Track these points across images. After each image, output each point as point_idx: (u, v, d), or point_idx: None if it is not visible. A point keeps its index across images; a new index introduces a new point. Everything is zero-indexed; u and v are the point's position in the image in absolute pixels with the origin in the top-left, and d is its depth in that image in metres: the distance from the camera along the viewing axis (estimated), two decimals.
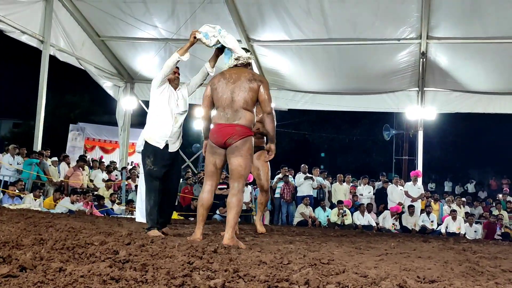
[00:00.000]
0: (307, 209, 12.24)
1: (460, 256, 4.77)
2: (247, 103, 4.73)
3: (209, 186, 4.83)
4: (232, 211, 4.60)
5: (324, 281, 2.60)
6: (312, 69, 13.74)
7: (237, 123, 4.69)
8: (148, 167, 5.09)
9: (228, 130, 4.67)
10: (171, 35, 13.10)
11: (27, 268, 2.37)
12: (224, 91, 4.77)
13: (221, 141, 4.70)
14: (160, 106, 5.23)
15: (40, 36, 11.68)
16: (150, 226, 5.00)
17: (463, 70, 12.82)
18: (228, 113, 4.72)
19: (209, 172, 4.83)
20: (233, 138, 4.66)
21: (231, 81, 4.78)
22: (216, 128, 4.76)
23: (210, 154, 4.81)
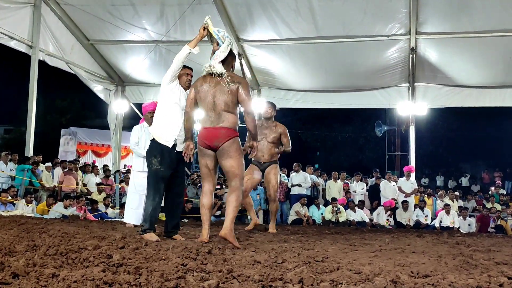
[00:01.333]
0: (302, 208, 12.25)
1: (454, 250, 4.79)
2: (228, 105, 4.84)
3: (206, 187, 4.98)
4: (231, 205, 4.78)
5: (318, 279, 2.60)
6: (303, 67, 13.75)
7: (221, 125, 4.81)
8: (155, 167, 5.03)
9: (214, 133, 4.80)
10: (161, 37, 13.08)
11: (20, 275, 2.36)
12: (206, 95, 4.88)
13: (208, 144, 4.84)
14: (171, 104, 5.19)
15: (29, 41, 11.62)
16: (147, 228, 4.92)
17: (452, 64, 12.87)
18: (211, 116, 4.84)
19: (204, 174, 4.99)
20: (219, 141, 4.79)
21: (212, 85, 4.90)
22: (203, 131, 4.90)
23: (201, 157, 4.95)
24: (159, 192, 5.02)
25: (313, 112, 26.66)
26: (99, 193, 11.71)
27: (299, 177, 12.85)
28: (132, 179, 7.50)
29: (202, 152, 4.90)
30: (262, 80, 14.60)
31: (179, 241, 4.56)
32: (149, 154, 5.13)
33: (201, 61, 5.42)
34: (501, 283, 2.53)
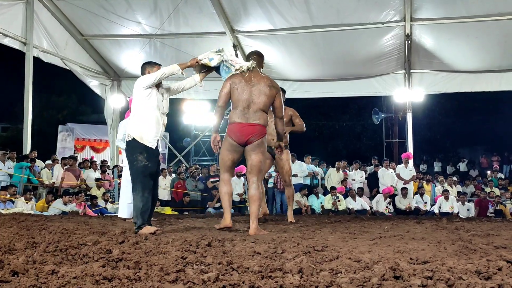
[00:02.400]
0: (302, 199, 12.27)
1: (453, 235, 4.80)
2: (265, 106, 5.23)
3: (227, 176, 5.31)
4: (256, 203, 5.14)
5: (317, 268, 2.61)
6: (298, 57, 13.71)
7: (257, 123, 5.17)
8: (142, 163, 5.02)
9: (250, 130, 5.13)
10: (155, 30, 13.03)
11: (19, 273, 2.36)
12: (244, 92, 5.19)
13: (243, 139, 5.16)
14: (151, 108, 5.21)
15: (23, 38, 11.57)
16: (141, 224, 4.91)
17: (448, 50, 12.85)
18: (247, 113, 5.16)
19: (227, 167, 5.30)
20: (254, 136, 5.14)
21: (251, 84, 5.22)
22: (238, 126, 5.17)
23: (228, 151, 5.24)
24: (148, 188, 5.03)
25: (310, 102, 26.60)
26: (98, 189, 11.72)
27: (295, 166, 12.84)
28: (125, 174, 7.45)
29: (232, 147, 5.20)
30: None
31: (179, 234, 4.56)
32: (133, 151, 5.09)
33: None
34: (500, 267, 2.54)
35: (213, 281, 2.24)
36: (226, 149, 5.24)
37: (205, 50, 5.66)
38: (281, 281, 2.24)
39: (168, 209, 11.66)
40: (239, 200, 12.32)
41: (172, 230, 5.23)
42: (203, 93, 15.23)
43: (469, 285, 2.17)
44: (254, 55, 5.64)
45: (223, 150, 5.26)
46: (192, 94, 15.65)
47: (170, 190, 12.96)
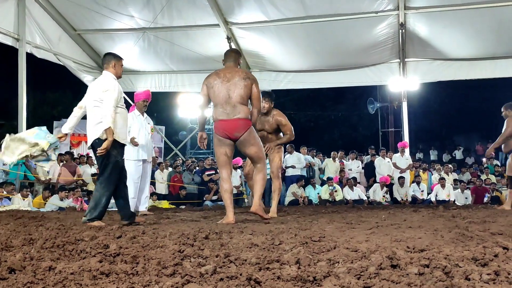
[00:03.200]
0: (299, 190, 12.30)
1: (450, 223, 4.82)
2: (242, 98, 5.34)
3: (225, 174, 5.41)
4: (259, 183, 5.47)
5: (315, 258, 2.61)
6: (293, 48, 13.68)
7: (238, 117, 5.31)
8: (116, 158, 5.25)
9: (232, 125, 5.30)
10: (148, 24, 12.96)
11: (16, 270, 2.36)
12: (220, 90, 5.36)
13: (227, 135, 5.32)
14: (121, 109, 5.48)
15: (15, 34, 11.48)
16: (96, 216, 5.06)
17: (442, 38, 12.83)
18: (227, 109, 5.31)
19: (222, 162, 5.41)
20: (238, 131, 5.29)
21: (226, 80, 5.39)
22: (220, 124, 5.34)
23: (219, 147, 5.40)
24: (115, 184, 5.21)
25: (305, 92, 26.63)
26: (94, 184, 11.69)
27: (293, 158, 12.87)
28: (126, 169, 7.46)
29: (221, 142, 5.35)
30: (252, 62, 14.53)
31: (176, 228, 4.56)
32: (111, 146, 5.20)
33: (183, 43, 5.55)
34: (496, 253, 2.55)
35: (210, 274, 2.24)
36: (216, 145, 5.42)
37: (199, 43, 5.73)
38: (278, 272, 2.24)
39: (165, 203, 11.67)
40: (236, 192, 12.34)
41: (170, 224, 5.24)
42: (198, 86, 15.17)
43: (466, 272, 2.18)
44: (231, 52, 5.96)
45: (215, 147, 5.45)
46: (187, 87, 15.62)
47: (167, 183, 12.96)
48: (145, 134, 7.58)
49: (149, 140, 7.70)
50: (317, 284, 2.11)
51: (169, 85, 15.52)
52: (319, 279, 2.15)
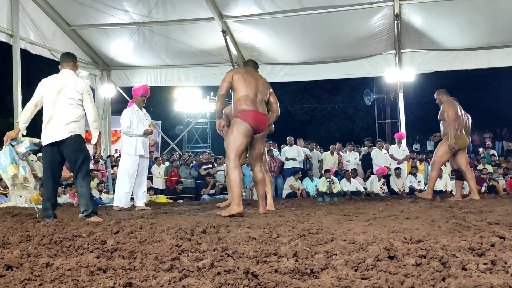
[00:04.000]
0: (296, 182, 12.31)
1: (447, 213, 4.83)
2: (265, 100, 5.63)
3: (238, 162, 5.35)
4: (262, 185, 5.62)
5: (312, 251, 2.62)
6: (288, 40, 13.65)
7: (265, 113, 5.52)
8: (88, 154, 5.52)
9: (263, 119, 5.45)
10: (143, 18, 12.91)
11: (14, 267, 2.36)
12: (251, 81, 5.49)
13: (256, 126, 5.37)
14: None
15: (9, 30, 11.42)
16: (93, 212, 5.19)
17: (437, 29, 12.82)
18: (256, 102, 5.42)
19: (241, 152, 5.40)
20: (264, 126, 5.46)
21: (254, 77, 5.59)
22: (254, 114, 5.36)
23: (244, 136, 5.32)
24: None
25: (301, 85, 26.60)
26: (92, 179, 11.67)
27: (292, 151, 12.89)
28: (123, 163, 7.48)
29: (248, 131, 5.32)
30: (248, 55, 14.47)
31: (174, 222, 4.56)
32: (81, 143, 5.43)
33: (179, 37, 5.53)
34: (493, 243, 2.56)
35: (208, 268, 2.25)
36: (242, 133, 5.30)
37: (194, 37, 5.74)
38: (276, 265, 2.24)
39: (163, 198, 11.66)
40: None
41: (167, 218, 5.24)
42: (194, 80, 15.18)
43: (463, 262, 2.19)
44: (252, 61, 6.40)
45: (237, 134, 5.27)
46: (183, 82, 15.61)
47: (164, 178, 12.96)
48: (143, 129, 7.57)
49: (147, 137, 7.72)
50: (314, 277, 2.12)
51: (165, 80, 15.48)
52: (316, 272, 2.16)
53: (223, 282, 1.96)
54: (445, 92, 8.52)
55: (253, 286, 1.91)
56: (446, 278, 1.97)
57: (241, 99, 5.36)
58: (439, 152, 8.21)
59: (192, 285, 1.96)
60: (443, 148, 8.11)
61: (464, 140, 8.12)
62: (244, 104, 5.33)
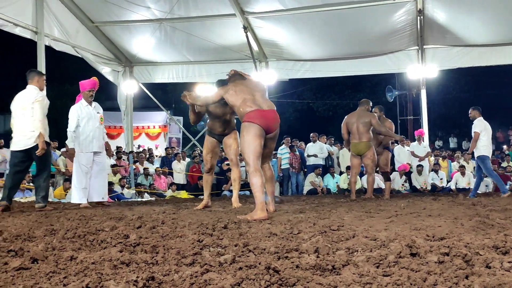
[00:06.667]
0: (317, 179, 12.27)
1: (470, 211, 4.78)
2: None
3: (259, 165, 4.98)
4: (273, 182, 5.56)
5: (333, 247, 2.62)
6: (310, 36, 13.59)
7: (272, 108, 5.18)
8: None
9: (271, 115, 5.09)
10: (165, 14, 12.97)
11: (39, 260, 2.40)
12: (242, 88, 5.25)
13: (266, 124, 5.00)
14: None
15: (34, 27, 11.57)
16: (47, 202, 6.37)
17: (461, 24, 12.62)
18: (256, 100, 5.11)
19: (259, 153, 4.96)
20: (277, 124, 5.16)
21: (243, 84, 5.32)
22: (259, 113, 5.02)
23: (256, 137, 4.96)
24: None
25: (323, 81, 26.47)
26: (114, 175, 11.81)
27: (316, 147, 12.85)
28: (77, 160, 7.32)
29: (260, 132, 4.97)
30: (270, 52, 14.48)
31: (195, 218, 4.59)
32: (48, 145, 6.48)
33: (199, 33, 5.51)
34: None
35: (229, 263, 2.26)
36: (253, 135, 4.95)
37: (216, 33, 5.71)
38: (297, 261, 2.24)
39: (184, 193, 11.75)
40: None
41: (188, 214, 5.27)
42: (215, 76, 15.20)
43: (486, 260, 2.16)
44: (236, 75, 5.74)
45: (249, 138, 4.96)
46: (204, 78, 15.64)
47: (185, 174, 13.03)
48: (94, 124, 7.42)
49: (99, 130, 7.51)
50: (336, 273, 2.12)
51: (186, 76, 15.55)
52: (338, 268, 2.15)
53: (244, 277, 1.97)
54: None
55: (274, 281, 1.92)
56: (469, 276, 1.95)
57: (242, 105, 5.11)
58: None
59: (214, 280, 1.97)
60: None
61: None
62: (247, 106, 5.07)
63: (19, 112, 6.31)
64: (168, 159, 13.90)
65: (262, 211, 4.64)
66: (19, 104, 6.33)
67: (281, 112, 5.64)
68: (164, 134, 20.20)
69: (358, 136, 8.70)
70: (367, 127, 8.68)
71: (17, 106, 6.34)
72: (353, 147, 8.79)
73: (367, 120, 8.72)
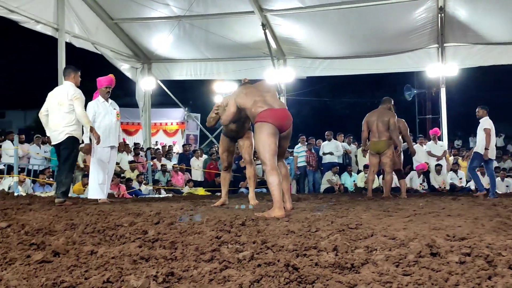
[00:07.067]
0: (334, 177, 12.23)
1: (490, 212, 4.72)
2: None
3: (275, 164, 4.93)
4: (289, 180, 5.44)
5: (352, 246, 2.60)
6: (328, 34, 13.53)
7: (283, 107, 5.18)
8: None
9: (283, 113, 5.04)
10: (184, 12, 13.01)
11: (60, 253, 2.43)
12: (251, 90, 5.27)
13: (279, 122, 4.95)
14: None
15: (55, 24, 11.70)
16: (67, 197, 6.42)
17: (483, 21, 12.44)
18: (267, 100, 5.07)
19: (274, 152, 4.92)
20: (290, 122, 5.09)
21: (252, 87, 5.35)
22: (271, 112, 4.98)
23: (272, 136, 4.91)
24: None
25: (341, 79, 26.31)
26: (131, 171, 11.89)
27: (331, 145, 12.79)
28: (95, 155, 7.34)
29: (275, 130, 4.93)
30: (288, 49, 14.46)
31: (213, 214, 4.60)
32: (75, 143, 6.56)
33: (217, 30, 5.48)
34: None
35: (248, 259, 2.26)
36: (269, 133, 4.90)
37: (234, 30, 5.68)
38: (316, 259, 2.24)
39: (201, 190, 11.78)
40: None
41: (206, 210, 5.28)
42: (233, 73, 15.22)
43: (509, 261, 2.13)
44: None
45: (262, 137, 4.90)
46: (222, 75, 15.68)
47: (202, 170, 13.07)
48: (111, 120, 7.49)
49: (115, 126, 7.57)
50: (355, 271, 2.10)
51: (204, 73, 15.60)
52: (357, 266, 2.14)
53: (263, 274, 1.97)
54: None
55: (293, 279, 1.92)
56: (492, 276, 1.92)
57: (253, 106, 5.09)
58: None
59: (233, 276, 1.98)
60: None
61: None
62: (258, 107, 5.04)
63: (55, 107, 6.44)
64: (186, 156, 13.96)
65: (280, 209, 4.63)
66: (56, 99, 6.46)
67: (298, 110, 5.63)
68: (182, 131, 20.29)
69: (377, 134, 8.67)
70: (386, 125, 8.63)
71: (54, 102, 6.47)
72: (373, 145, 8.76)
73: (386, 119, 8.68)
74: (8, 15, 10.51)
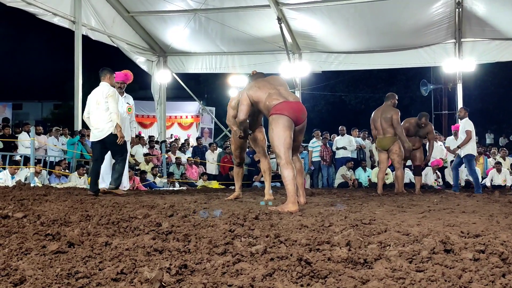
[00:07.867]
0: (348, 172, 12.19)
1: (506, 209, 4.68)
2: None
3: (290, 157, 4.89)
4: (303, 174, 5.56)
5: (365, 241, 2.60)
6: (344, 29, 13.46)
7: (298, 100, 5.17)
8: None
9: (298, 106, 5.03)
10: (200, 5, 13.03)
11: (75, 244, 2.46)
12: (264, 84, 5.28)
13: (295, 115, 4.93)
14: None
15: (72, 17, 11.79)
16: (118, 184, 6.83)
17: (502, 16, 12.28)
18: (282, 93, 5.07)
19: (289, 145, 4.87)
20: (305, 115, 5.06)
21: (265, 80, 5.36)
22: (287, 104, 4.95)
23: (287, 129, 4.87)
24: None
25: (356, 74, 26.21)
26: (146, 164, 11.96)
27: (344, 140, 12.74)
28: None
29: (290, 123, 4.90)
30: (303, 43, 14.41)
31: (226, 208, 4.61)
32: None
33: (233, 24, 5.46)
34: None
35: (261, 253, 2.26)
36: (284, 126, 4.85)
37: (250, 24, 5.67)
38: (329, 253, 2.24)
39: (215, 183, 11.82)
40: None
41: (220, 204, 5.30)
42: (248, 67, 15.21)
43: None
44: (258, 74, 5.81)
45: (278, 130, 4.85)
46: (237, 69, 15.68)
47: (217, 164, 13.10)
48: (123, 113, 7.46)
49: (126, 120, 7.61)
50: (368, 267, 2.10)
51: (219, 66, 15.62)
52: (370, 262, 2.14)
53: (276, 268, 1.98)
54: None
55: (306, 273, 1.92)
56: (506, 274, 1.91)
57: (267, 99, 5.06)
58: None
59: (246, 270, 1.99)
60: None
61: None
62: (273, 100, 5.01)
63: (93, 106, 6.82)
64: (200, 149, 14.00)
65: (293, 204, 4.59)
66: (94, 99, 6.84)
67: (313, 104, 5.62)
68: (197, 124, 20.35)
69: (382, 131, 8.62)
70: (390, 122, 8.57)
71: (92, 102, 6.84)
72: (378, 142, 8.76)
73: (389, 115, 8.60)
74: (26, 7, 10.61)
